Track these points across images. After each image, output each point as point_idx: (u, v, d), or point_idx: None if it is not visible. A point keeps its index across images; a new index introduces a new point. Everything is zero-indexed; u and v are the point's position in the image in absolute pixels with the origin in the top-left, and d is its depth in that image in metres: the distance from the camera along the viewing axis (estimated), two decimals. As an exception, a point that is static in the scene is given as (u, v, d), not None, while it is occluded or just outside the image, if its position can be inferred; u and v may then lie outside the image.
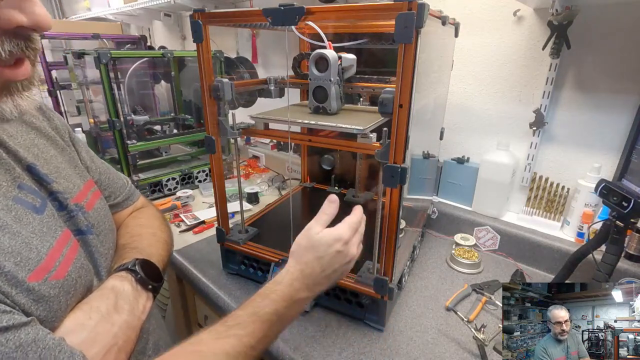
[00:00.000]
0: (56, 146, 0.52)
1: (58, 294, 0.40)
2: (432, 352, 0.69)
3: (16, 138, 0.46)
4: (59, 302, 0.40)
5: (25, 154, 0.45)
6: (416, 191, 0.87)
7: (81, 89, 1.40)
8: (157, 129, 1.54)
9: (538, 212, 1.01)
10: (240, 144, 1.77)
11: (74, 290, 0.42)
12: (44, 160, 0.48)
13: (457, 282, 0.90)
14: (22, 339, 0.33)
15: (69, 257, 0.43)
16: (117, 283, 0.48)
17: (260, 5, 0.64)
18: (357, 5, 0.55)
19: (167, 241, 0.64)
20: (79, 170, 0.54)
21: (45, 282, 0.38)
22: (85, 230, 0.49)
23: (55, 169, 0.48)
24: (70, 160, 0.53)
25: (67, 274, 0.42)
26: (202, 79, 0.72)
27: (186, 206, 1.26)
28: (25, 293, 0.36)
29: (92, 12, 2.35)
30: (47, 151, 0.49)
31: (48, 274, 0.39)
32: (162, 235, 0.63)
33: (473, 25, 1.02)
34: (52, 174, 0.47)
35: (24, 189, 0.42)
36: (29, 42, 0.36)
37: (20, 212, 0.40)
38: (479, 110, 1.08)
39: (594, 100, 0.90)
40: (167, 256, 0.61)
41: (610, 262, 0.68)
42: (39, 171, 0.45)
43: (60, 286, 0.40)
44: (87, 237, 0.49)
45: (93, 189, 0.55)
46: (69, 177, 0.50)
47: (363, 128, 0.65)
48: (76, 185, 0.51)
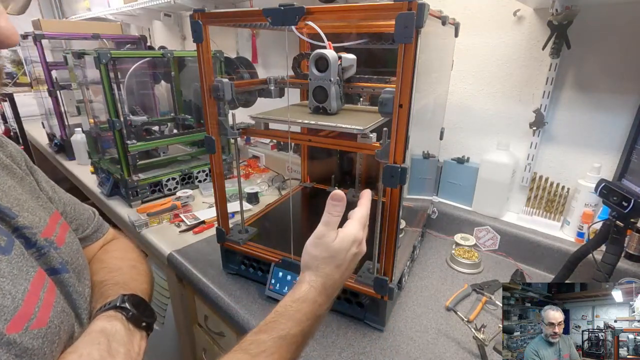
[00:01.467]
0: (14, 175, 0.46)
1: (42, 345, 0.35)
2: (432, 352, 0.69)
3: None
4: (44, 355, 0.35)
5: None
6: (416, 191, 0.87)
7: (81, 89, 1.40)
8: (155, 130, 1.54)
9: (538, 212, 1.01)
10: (240, 144, 1.77)
11: (58, 339, 0.38)
12: (2, 192, 0.42)
13: (457, 282, 0.90)
14: None
15: (47, 301, 0.38)
16: (107, 324, 0.43)
17: (260, 5, 0.64)
18: (357, 5, 0.55)
19: (149, 273, 0.59)
20: (42, 202, 0.49)
21: (27, 332, 0.34)
22: (59, 269, 0.43)
23: (16, 201, 0.43)
24: (31, 190, 0.48)
25: (50, 320, 0.37)
26: (202, 79, 0.72)
27: (186, 206, 1.26)
28: (5, 347, 0.31)
29: (92, 12, 2.36)
30: (4, 182, 0.44)
31: (28, 322, 0.34)
32: (142, 267, 0.59)
33: (473, 25, 1.02)
34: (14, 207, 0.42)
35: None
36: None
37: None
38: (479, 110, 1.08)
39: (594, 100, 0.90)
40: (150, 289, 0.56)
41: (610, 262, 0.68)
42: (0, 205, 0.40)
43: (43, 335, 0.35)
44: (62, 277, 0.43)
45: (60, 221, 0.49)
46: (32, 210, 0.45)
47: (363, 128, 0.65)
48: (42, 218, 0.45)
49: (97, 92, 1.46)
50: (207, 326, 1.00)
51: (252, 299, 0.81)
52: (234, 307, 0.79)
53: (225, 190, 0.84)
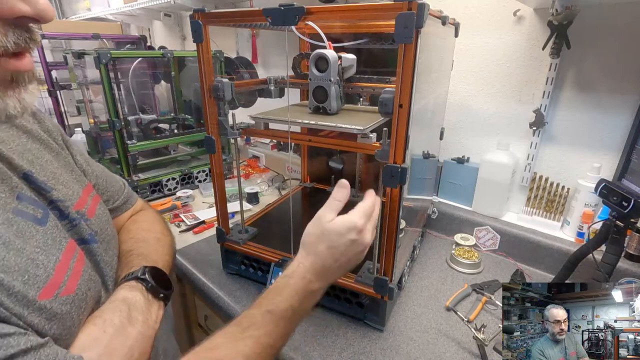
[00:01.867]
0: (50, 150, 0.49)
1: (70, 310, 0.38)
2: (432, 352, 0.69)
3: (8, 144, 0.43)
4: (72, 319, 0.39)
5: (20, 160, 0.42)
6: (416, 191, 0.87)
7: (81, 89, 1.40)
8: (166, 127, 1.54)
9: (538, 212, 1.01)
10: (240, 144, 1.77)
11: (85, 305, 0.41)
12: (40, 167, 0.45)
13: (457, 282, 0.90)
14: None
15: (76, 270, 0.41)
16: (128, 294, 0.47)
17: (260, 5, 0.64)
18: (357, 5, 0.55)
19: (171, 245, 0.63)
20: (76, 175, 0.52)
21: (56, 299, 0.37)
22: (89, 239, 0.47)
23: (52, 175, 0.46)
24: (66, 164, 0.51)
25: (77, 287, 0.40)
26: (202, 79, 0.72)
27: (186, 206, 1.26)
28: (37, 312, 0.35)
29: (92, 12, 2.35)
30: (42, 156, 0.47)
31: (58, 290, 0.37)
32: (166, 240, 0.62)
33: (473, 25, 1.02)
34: (50, 181, 0.45)
35: (23, 199, 0.40)
36: (32, 34, 0.34)
37: (22, 225, 0.38)
38: (479, 110, 1.08)
39: (594, 100, 0.90)
40: (172, 261, 0.60)
41: (610, 262, 0.68)
42: (36, 179, 0.43)
43: (71, 302, 0.39)
44: (91, 246, 0.47)
45: (92, 193, 0.53)
46: (67, 184, 0.48)
47: (363, 128, 0.65)
48: (75, 191, 0.48)
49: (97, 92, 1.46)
50: (207, 326, 1.00)
51: (252, 299, 0.80)
52: (234, 307, 0.79)
53: (225, 190, 0.84)
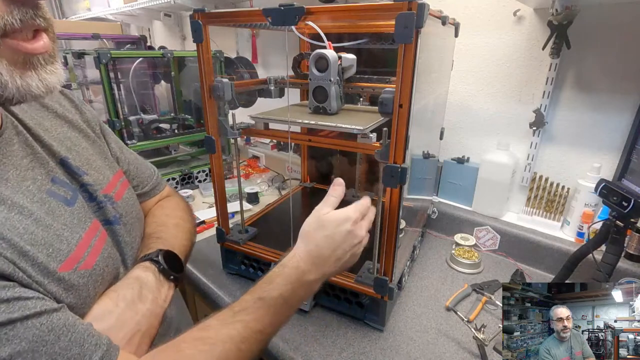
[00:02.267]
0: (87, 138, 0.54)
1: (87, 283, 0.42)
2: (432, 352, 0.69)
3: (50, 132, 0.48)
4: (88, 291, 0.42)
5: (59, 147, 0.47)
6: (416, 191, 0.87)
7: (81, 89, 1.40)
8: (167, 127, 1.54)
9: (538, 212, 1.01)
10: (240, 144, 1.77)
11: (101, 279, 0.45)
12: (76, 153, 0.50)
13: (457, 282, 0.90)
14: (54, 323, 0.35)
15: (97, 248, 0.45)
16: (142, 273, 0.51)
17: (260, 5, 0.64)
18: (357, 5, 0.55)
19: (191, 230, 0.66)
20: (109, 162, 0.56)
21: (75, 272, 0.41)
22: (112, 221, 0.51)
23: (86, 161, 0.51)
24: (100, 152, 0.55)
25: (95, 263, 0.44)
26: (202, 79, 0.72)
27: (186, 206, 1.26)
28: (56, 282, 0.38)
29: (92, 12, 2.35)
30: (79, 144, 0.52)
31: (77, 264, 0.41)
32: (186, 225, 0.66)
33: (473, 25, 1.02)
34: (84, 167, 0.49)
35: (56, 182, 0.44)
36: (38, 10, 0.35)
37: (53, 205, 0.42)
38: (479, 110, 1.08)
39: (594, 100, 0.90)
40: (189, 245, 0.64)
41: (610, 262, 0.68)
42: (71, 164, 0.48)
43: (88, 275, 0.42)
44: (114, 227, 0.51)
45: (122, 179, 0.57)
46: (99, 169, 0.52)
47: (363, 128, 0.65)
48: (106, 176, 0.53)
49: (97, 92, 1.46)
50: (207, 326, 1.00)
51: (252, 299, 0.81)
52: (234, 307, 0.79)
53: (225, 190, 0.84)
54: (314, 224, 0.53)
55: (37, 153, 0.44)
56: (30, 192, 0.40)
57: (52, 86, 0.37)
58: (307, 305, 0.76)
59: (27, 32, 0.34)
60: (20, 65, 0.35)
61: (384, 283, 0.68)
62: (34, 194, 0.41)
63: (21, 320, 0.33)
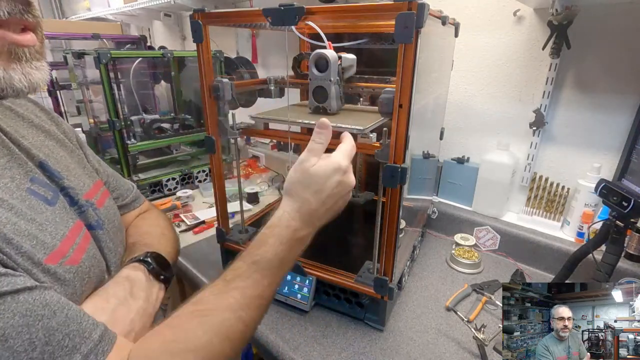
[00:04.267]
0: (65, 148, 0.53)
1: (73, 279, 0.40)
2: (432, 352, 0.69)
3: (27, 138, 0.46)
4: (74, 287, 0.41)
5: (37, 152, 0.46)
6: (416, 191, 0.87)
7: (81, 89, 1.40)
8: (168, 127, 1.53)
9: (538, 212, 1.01)
10: (240, 144, 1.77)
11: (88, 278, 0.43)
12: (55, 160, 0.48)
13: (457, 282, 0.90)
14: (47, 299, 0.34)
15: (82, 246, 0.44)
16: (131, 272, 0.50)
17: (260, 5, 0.64)
18: (357, 5, 0.55)
19: (176, 239, 0.67)
20: (88, 171, 0.55)
21: (61, 266, 0.39)
22: (95, 226, 0.49)
23: (65, 167, 0.49)
24: (79, 161, 0.54)
25: (82, 260, 0.42)
26: (202, 79, 0.72)
27: (186, 206, 1.26)
28: (44, 273, 0.37)
29: (92, 12, 2.35)
30: (57, 152, 0.50)
31: (63, 259, 0.40)
32: (171, 235, 0.66)
33: (473, 25, 1.02)
34: (63, 172, 0.48)
35: (36, 182, 0.43)
36: (27, 7, 0.34)
37: (34, 202, 0.40)
38: (479, 110, 1.08)
39: (594, 100, 0.90)
40: (175, 254, 0.63)
41: (610, 262, 0.68)
42: (50, 167, 0.46)
43: (75, 272, 0.41)
44: (97, 232, 0.49)
45: (102, 188, 0.56)
46: (79, 177, 0.51)
47: (363, 128, 0.65)
48: (86, 183, 0.51)
49: (97, 92, 1.45)
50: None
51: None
52: (234, 307, 0.79)
53: (225, 190, 0.84)
54: (302, 179, 0.48)
55: (15, 154, 0.42)
56: (9, 189, 0.38)
57: (35, 83, 0.36)
58: (307, 305, 0.76)
59: (15, 27, 0.34)
60: (4, 57, 0.34)
61: (384, 283, 0.68)
62: (13, 191, 0.39)
63: (11, 294, 0.31)
